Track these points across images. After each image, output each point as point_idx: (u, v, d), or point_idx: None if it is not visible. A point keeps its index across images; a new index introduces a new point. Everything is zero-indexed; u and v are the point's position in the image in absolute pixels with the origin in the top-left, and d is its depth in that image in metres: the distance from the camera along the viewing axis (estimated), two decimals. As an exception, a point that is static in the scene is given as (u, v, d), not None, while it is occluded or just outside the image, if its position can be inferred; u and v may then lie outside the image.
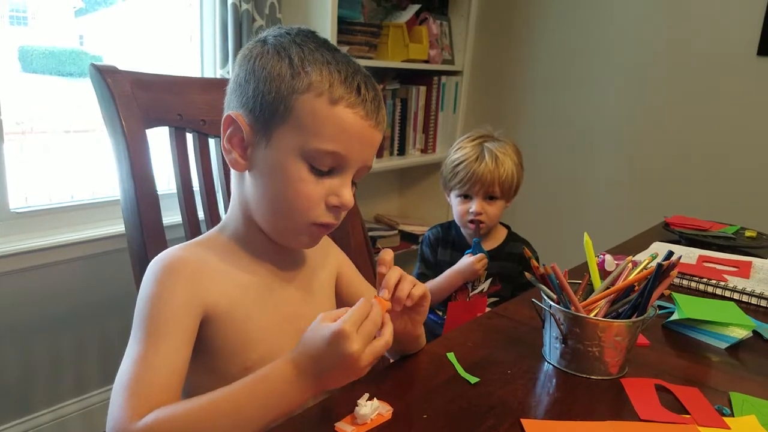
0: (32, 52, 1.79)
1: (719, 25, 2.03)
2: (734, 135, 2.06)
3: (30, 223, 1.52)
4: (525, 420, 0.63)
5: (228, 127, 0.69)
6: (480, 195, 1.40)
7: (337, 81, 0.65)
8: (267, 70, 0.66)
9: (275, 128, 0.66)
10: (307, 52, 0.66)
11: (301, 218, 0.68)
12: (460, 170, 1.40)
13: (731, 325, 0.88)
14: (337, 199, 0.68)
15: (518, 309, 0.95)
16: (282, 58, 0.66)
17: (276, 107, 0.65)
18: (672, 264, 0.73)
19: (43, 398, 1.61)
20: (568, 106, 2.38)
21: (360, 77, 0.67)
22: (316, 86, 0.65)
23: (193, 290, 0.66)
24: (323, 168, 0.67)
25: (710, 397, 0.70)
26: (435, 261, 1.51)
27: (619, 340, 0.72)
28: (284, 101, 0.65)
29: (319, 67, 0.65)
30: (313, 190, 0.67)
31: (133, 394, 0.58)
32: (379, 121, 0.69)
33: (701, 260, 1.21)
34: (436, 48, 2.35)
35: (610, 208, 2.32)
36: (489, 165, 1.37)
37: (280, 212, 0.69)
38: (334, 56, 0.67)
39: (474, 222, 1.41)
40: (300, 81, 0.65)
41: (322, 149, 0.65)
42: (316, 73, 0.65)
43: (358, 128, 0.66)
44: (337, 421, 0.61)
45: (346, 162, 0.67)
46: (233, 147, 0.69)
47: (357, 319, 0.59)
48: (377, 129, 0.69)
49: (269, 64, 0.66)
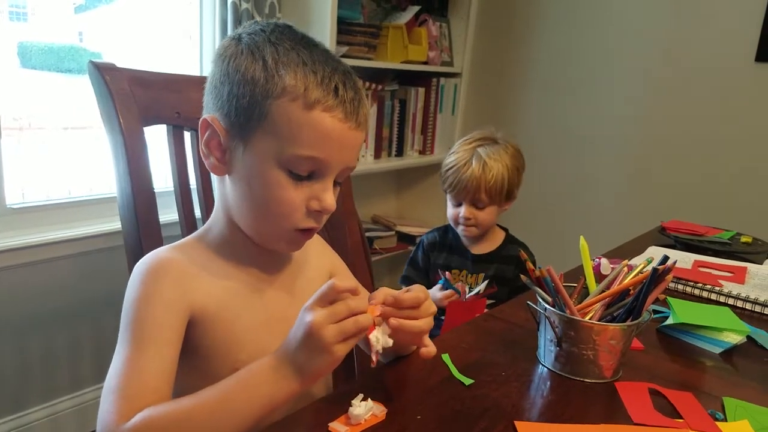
0: (31, 48, 1.79)
1: (718, 30, 2.04)
2: (732, 140, 2.06)
3: (27, 219, 1.52)
4: (519, 422, 0.64)
5: (205, 131, 0.67)
6: (467, 201, 1.41)
7: (312, 83, 0.62)
8: (241, 73, 0.64)
9: (251, 133, 0.64)
10: (282, 53, 0.63)
11: (281, 224, 0.67)
12: (449, 175, 1.43)
13: (725, 331, 0.88)
14: (318, 204, 0.67)
15: (513, 311, 0.95)
16: (256, 59, 0.63)
17: (251, 112, 0.63)
18: (667, 268, 0.74)
19: (37, 395, 1.60)
20: (567, 109, 2.38)
21: (338, 76, 0.64)
22: (290, 90, 0.62)
23: (179, 291, 0.66)
24: (302, 173, 0.65)
25: (704, 401, 0.71)
26: (425, 265, 1.53)
27: (613, 343, 0.72)
28: (259, 106, 0.63)
29: (294, 68, 0.63)
30: (293, 196, 0.65)
31: (121, 397, 0.58)
32: (360, 122, 0.66)
33: (696, 265, 1.22)
34: (435, 49, 2.35)
35: (607, 212, 2.33)
36: (475, 172, 1.38)
37: (261, 218, 0.68)
38: (311, 54, 0.64)
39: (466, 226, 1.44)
40: (274, 85, 0.62)
41: (300, 155, 0.63)
42: (290, 76, 0.62)
43: (337, 132, 0.64)
44: (330, 422, 0.61)
45: (326, 166, 0.66)
46: (211, 151, 0.67)
47: (321, 296, 0.58)
48: (357, 130, 0.66)
49: (243, 65, 0.64)
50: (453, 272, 1.48)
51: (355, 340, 0.59)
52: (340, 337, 0.58)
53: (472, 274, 1.47)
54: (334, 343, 0.57)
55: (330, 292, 0.59)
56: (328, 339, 0.57)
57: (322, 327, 0.57)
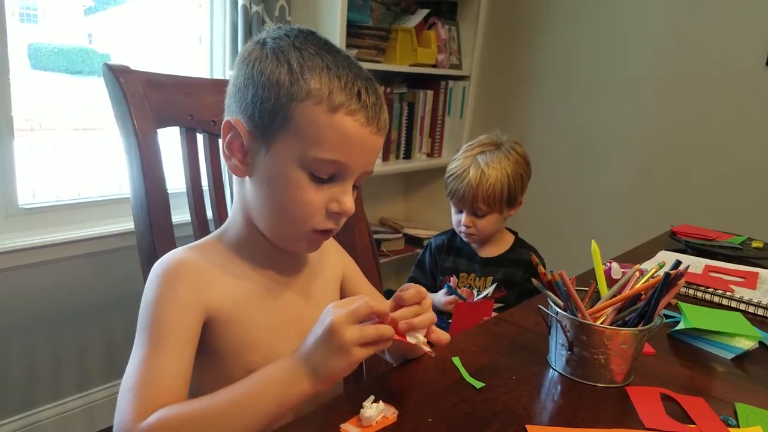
0: (42, 49, 1.81)
1: (728, 35, 2.03)
2: (742, 145, 2.05)
3: (37, 219, 1.53)
4: (530, 426, 0.63)
5: (227, 133, 0.68)
6: (466, 209, 1.41)
7: (336, 87, 0.64)
8: (266, 76, 0.65)
9: (275, 136, 0.65)
10: (307, 57, 0.64)
11: (301, 225, 0.68)
12: (448, 183, 1.43)
13: (737, 336, 0.88)
14: (338, 206, 0.68)
15: (524, 315, 0.95)
16: (281, 63, 0.64)
17: (275, 115, 0.64)
18: (680, 273, 0.73)
19: (46, 394, 1.61)
20: (575, 111, 2.38)
21: (361, 82, 0.66)
22: (315, 94, 0.63)
23: (195, 293, 0.66)
24: (323, 176, 0.66)
25: (715, 407, 0.70)
26: (432, 268, 1.53)
27: (625, 348, 0.72)
28: (283, 109, 0.64)
29: (318, 73, 0.64)
30: (314, 198, 0.66)
31: (138, 396, 0.59)
32: (381, 127, 0.67)
33: (708, 270, 1.21)
34: (444, 52, 2.35)
35: (616, 216, 2.32)
36: (472, 182, 1.37)
37: (281, 219, 0.69)
38: (334, 60, 0.66)
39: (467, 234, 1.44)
40: (299, 88, 0.63)
41: (323, 158, 0.64)
42: (315, 80, 0.63)
43: (359, 136, 0.65)
44: (342, 423, 0.61)
45: (347, 169, 0.67)
46: (233, 153, 0.68)
47: (348, 301, 0.60)
48: (378, 135, 0.68)
49: (268, 69, 0.65)
50: (461, 275, 1.48)
51: (374, 348, 0.60)
52: (360, 341, 0.58)
53: (480, 277, 1.47)
54: (354, 344, 0.58)
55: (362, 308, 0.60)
56: (348, 339, 0.58)
57: (344, 325, 0.58)
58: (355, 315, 0.59)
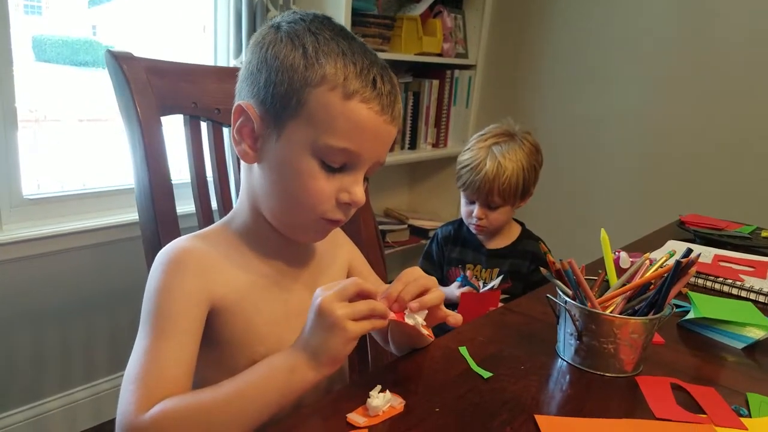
0: (46, 41, 1.80)
1: (738, 21, 2.00)
2: (751, 134, 2.03)
3: (42, 209, 1.53)
4: (539, 416, 0.63)
5: (238, 118, 0.67)
6: (480, 201, 1.39)
7: (352, 73, 0.62)
8: (280, 60, 0.63)
9: (287, 121, 0.64)
10: (322, 42, 0.63)
11: (310, 214, 0.67)
12: (463, 174, 1.40)
13: (748, 326, 0.87)
14: (349, 197, 0.66)
15: (531, 305, 0.94)
16: (296, 47, 0.63)
17: (288, 100, 0.63)
18: (691, 261, 0.72)
19: (53, 384, 1.62)
20: (583, 100, 2.36)
21: (376, 69, 0.64)
22: (330, 79, 0.62)
23: (200, 282, 0.65)
24: (335, 164, 0.65)
25: (727, 397, 0.69)
26: (440, 259, 1.52)
27: (635, 337, 0.71)
28: (297, 94, 0.63)
29: (334, 58, 0.62)
30: (324, 187, 0.65)
31: (141, 387, 0.58)
32: (395, 116, 0.66)
33: (717, 259, 1.20)
34: (449, 41, 2.33)
35: (624, 205, 2.30)
36: (488, 174, 1.35)
37: (289, 207, 0.68)
38: (350, 46, 0.64)
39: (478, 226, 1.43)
40: (314, 73, 0.62)
41: (335, 146, 0.63)
42: (330, 65, 0.62)
43: (373, 124, 0.64)
44: (349, 413, 0.60)
45: (359, 159, 0.65)
46: (243, 138, 0.67)
47: (336, 283, 0.60)
48: (392, 124, 0.66)
49: (282, 53, 0.63)
50: (467, 267, 1.47)
51: (369, 324, 0.59)
52: (352, 316, 0.58)
53: (486, 269, 1.46)
54: (346, 319, 0.58)
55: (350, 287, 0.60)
56: (339, 315, 0.57)
57: (332, 303, 0.58)
58: (342, 293, 0.59)
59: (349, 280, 0.61)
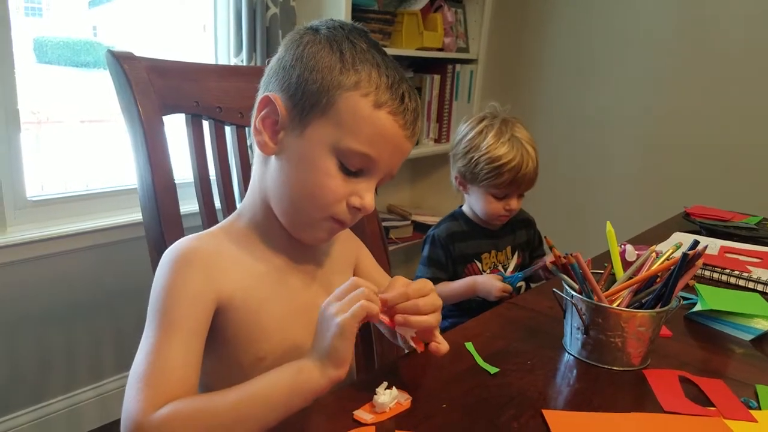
0: (47, 43, 1.80)
1: (740, 14, 1.99)
2: (755, 125, 2.02)
3: (46, 211, 1.53)
4: (546, 411, 0.62)
5: (263, 108, 0.68)
6: (516, 194, 1.37)
7: (384, 85, 0.65)
8: (316, 59, 0.65)
9: (313, 118, 0.65)
10: (359, 51, 0.66)
11: (320, 212, 0.68)
12: (505, 171, 1.32)
13: (756, 317, 0.87)
14: (360, 201, 0.68)
15: (537, 299, 0.94)
16: (334, 51, 0.65)
17: (318, 98, 0.65)
18: (698, 254, 0.72)
19: (58, 385, 1.62)
20: (585, 93, 2.34)
21: (405, 86, 0.67)
22: (363, 86, 0.64)
23: (206, 281, 0.65)
24: (352, 168, 0.66)
25: (735, 389, 0.69)
26: (448, 261, 1.42)
27: (642, 330, 0.71)
28: (328, 94, 0.64)
29: (369, 68, 0.65)
30: (339, 187, 0.67)
31: (147, 386, 0.58)
32: (414, 133, 0.69)
33: (723, 251, 1.19)
34: (450, 36, 2.32)
35: (629, 198, 2.29)
36: (532, 164, 1.33)
37: (300, 203, 0.68)
38: (384, 60, 0.67)
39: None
40: (348, 77, 0.64)
41: (356, 149, 0.65)
42: (365, 73, 0.65)
43: (395, 136, 0.66)
44: (355, 409, 0.60)
45: (375, 166, 0.67)
46: (264, 128, 0.68)
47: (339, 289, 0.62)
48: (410, 140, 0.69)
49: (320, 53, 0.65)
50: (483, 257, 1.44)
51: (360, 312, 0.59)
52: (343, 309, 0.60)
53: (500, 251, 1.45)
54: (338, 314, 0.59)
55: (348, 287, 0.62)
56: (332, 312, 0.60)
57: (328, 304, 0.61)
58: (339, 294, 0.62)
59: (349, 281, 0.63)
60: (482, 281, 1.33)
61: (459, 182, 1.42)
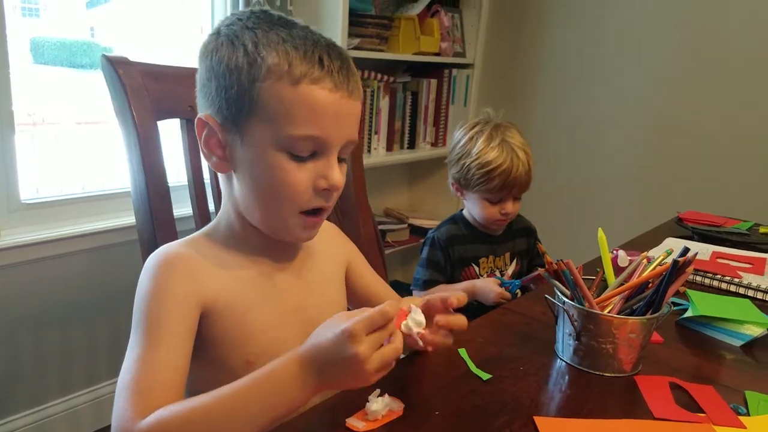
0: (44, 43, 1.80)
1: (735, 20, 2.00)
2: (748, 131, 2.03)
3: (41, 214, 1.52)
4: (538, 417, 0.63)
5: (202, 131, 0.67)
6: (511, 197, 1.38)
7: (295, 59, 0.62)
8: (224, 64, 0.63)
9: (246, 123, 0.64)
10: (261, 35, 0.63)
11: (290, 208, 0.66)
12: (495, 176, 1.33)
13: (746, 323, 0.87)
14: (326, 182, 0.66)
15: (530, 305, 0.94)
16: (236, 48, 0.63)
17: (241, 101, 0.63)
18: (688, 260, 0.72)
19: (54, 389, 1.62)
20: (581, 98, 2.35)
21: (320, 48, 0.63)
22: (274, 70, 0.61)
23: (191, 285, 0.65)
24: (303, 153, 0.64)
25: (725, 395, 0.69)
26: (447, 263, 1.42)
27: (633, 337, 0.71)
28: (247, 93, 0.62)
29: (275, 48, 0.62)
30: (298, 177, 0.65)
31: (135, 393, 0.58)
32: (352, 90, 0.65)
33: (715, 256, 1.20)
34: (447, 40, 2.33)
35: (622, 203, 2.30)
36: (523, 168, 1.34)
37: (269, 206, 0.67)
38: (290, 33, 0.63)
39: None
40: (258, 68, 0.62)
41: (297, 134, 0.62)
42: (272, 56, 0.62)
43: (329, 104, 0.63)
44: (348, 417, 0.60)
45: (325, 143, 0.64)
46: (212, 150, 0.67)
47: (370, 323, 0.55)
48: (351, 98, 0.65)
49: (225, 56, 0.64)
50: (480, 261, 1.44)
51: (390, 368, 0.57)
52: (381, 367, 0.56)
53: (498, 257, 1.46)
54: (375, 372, 0.55)
55: (380, 320, 0.56)
56: (370, 370, 0.55)
57: (368, 358, 0.54)
58: (370, 324, 0.55)
59: (377, 309, 0.56)
60: (481, 285, 1.33)
61: (456, 188, 1.44)
